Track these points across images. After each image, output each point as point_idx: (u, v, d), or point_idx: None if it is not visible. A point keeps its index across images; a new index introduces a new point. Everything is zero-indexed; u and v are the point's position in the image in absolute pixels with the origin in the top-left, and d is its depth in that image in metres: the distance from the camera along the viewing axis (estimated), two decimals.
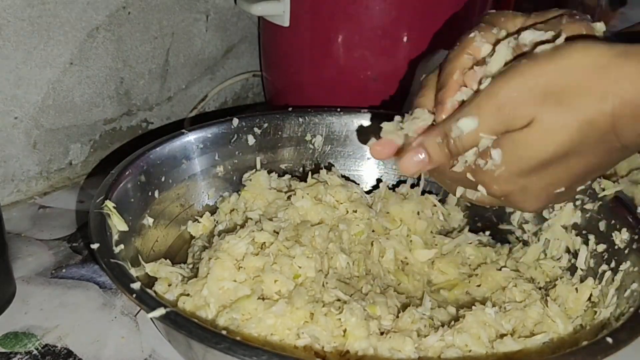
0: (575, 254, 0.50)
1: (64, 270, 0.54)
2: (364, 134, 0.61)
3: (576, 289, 0.47)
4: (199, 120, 0.67)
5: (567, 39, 0.35)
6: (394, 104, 0.68)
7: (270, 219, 0.50)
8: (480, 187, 0.38)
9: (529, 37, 0.36)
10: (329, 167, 0.60)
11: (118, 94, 0.69)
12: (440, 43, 0.67)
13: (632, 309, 0.39)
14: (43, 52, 0.60)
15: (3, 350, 0.44)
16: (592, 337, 0.37)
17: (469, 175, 0.38)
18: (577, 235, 0.50)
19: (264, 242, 0.46)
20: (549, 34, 0.36)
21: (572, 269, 0.49)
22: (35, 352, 0.45)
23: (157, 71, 0.73)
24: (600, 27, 0.36)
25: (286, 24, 0.69)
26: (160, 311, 0.36)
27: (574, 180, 0.37)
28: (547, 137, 0.34)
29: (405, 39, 0.66)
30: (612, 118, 0.33)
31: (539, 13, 0.39)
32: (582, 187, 0.38)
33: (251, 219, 0.51)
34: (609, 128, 0.33)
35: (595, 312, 0.44)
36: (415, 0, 0.65)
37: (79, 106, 0.66)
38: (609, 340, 0.35)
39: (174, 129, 0.56)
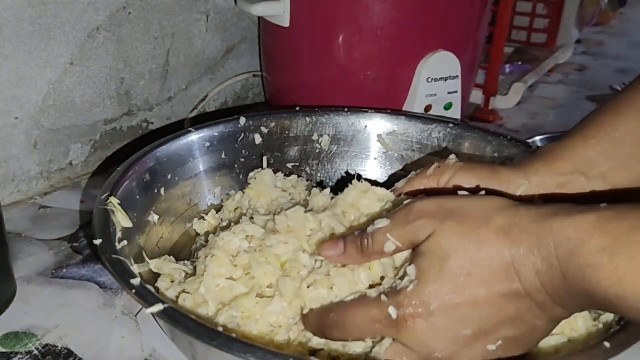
0: None
1: (64, 270, 0.54)
2: None
3: None
4: (199, 121, 0.67)
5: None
6: (393, 105, 0.68)
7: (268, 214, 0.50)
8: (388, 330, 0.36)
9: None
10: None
11: (118, 94, 0.69)
12: (440, 43, 0.67)
13: None
14: (43, 52, 0.60)
15: (3, 350, 0.45)
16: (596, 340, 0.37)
17: (382, 298, 0.36)
18: None
19: (252, 235, 0.46)
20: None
21: None
22: (35, 351, 0.45)
23: (157, 71, 0.73)
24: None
25: (286, 24, 0.69)
26: (158, 307, 0.36)
27: (481, 322, 0.35)
28: (446, 246, 0.35)
29: (405, 39, 0.67)
30: (509, 246, 0.34)
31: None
32: (493, 348, 0.35)
33: (245, 215, 0.51)
34: (507, 256, 0.34)
35: (600, 314, 0.44)
36: (415, 0, 0.65)
37: (79, 106, 0.66)
38: (606, 344, 0.35)
39: (174, 129, 0.56)
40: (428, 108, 0.69)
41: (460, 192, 0.40)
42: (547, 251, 0.33)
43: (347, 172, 0.62)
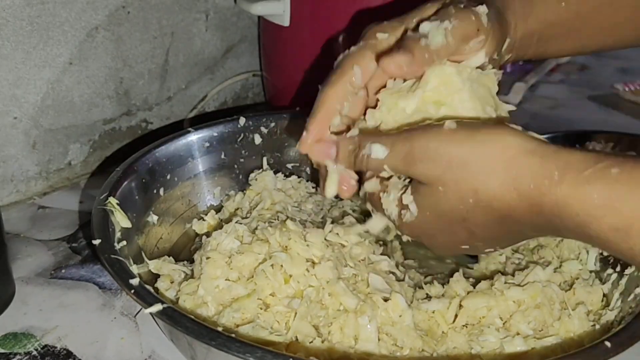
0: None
1: (63, 271, 0.54)
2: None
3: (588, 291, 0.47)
4: (198, 121, 0.67)
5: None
6: None
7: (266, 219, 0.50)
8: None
9: (427, 27, 0.40)
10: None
11: (117, 93, 0.69)
12: None
13: (634, 313, 0.39)
14: (42, 52, 0.60)
15: (2, 350, 0.44)
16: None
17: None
18: None
19: (243, 235, 0.45)
20: (445, 23, 0.39)
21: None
22: (34, 352, 0.45)
23: (156, 71, 0.73)
24: (483, 10, 0.40)
25: (286, 23, 0.69)
26: (157, 307, 0.36)
27: (477, 241, 0.38)
28: (446, 200, 0.36)
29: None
30: (508, 206, 0.34)
31: (413, 11, 0.43)
32: (490, 250, 0.40)
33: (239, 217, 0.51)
34: (505, 212, 0.35)
35: (601, 314, 0.44)
36: (415, 0, 0.65)
37: (78, 106, 0.66)
38: (607, 344, 0.35)
39: (174, 129, 0.56)
40: None
41: (448, 125, 0.37)
42: (552, 223, 0.33)
43: None
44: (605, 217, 0.31)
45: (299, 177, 0.59)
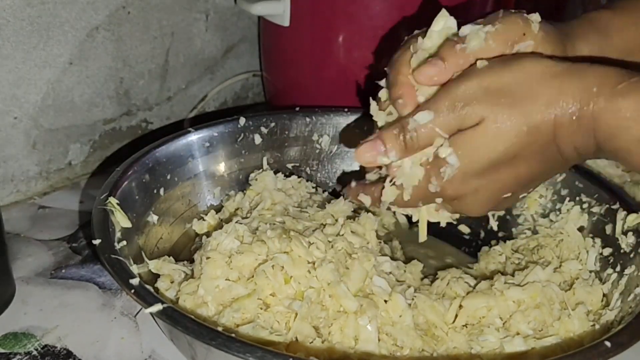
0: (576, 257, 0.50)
1: (63, 271, 0.54)
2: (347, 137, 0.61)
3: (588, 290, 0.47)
4: (199, 121, 0.67)
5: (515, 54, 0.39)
6: None
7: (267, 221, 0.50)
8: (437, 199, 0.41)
9: (467, 29, 0.40)
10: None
11: (118, 94, 0.69)
12: None
13: (634, 313, 0.39)
14: (42, 52, 0.60)
15: (3, 350, 0.44)
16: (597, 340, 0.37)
17: (429, 184, 0.40)
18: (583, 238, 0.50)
19: (244, 235, 0.45)
20: (487, 27, 0.39)
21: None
22: (34, 352, 0.45)
23: (156, 71, 0.73)
24: (534, 17, 0.40)
25: (286, 23, 0.69)
26: (158, 307, 0.36)
27: (520, 186, 0.39)
28: (497, 136, 0.36)
29: (405, 39, 0.66)
30: (553, 126, 0.36)
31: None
32: (524, 194, 0.42)
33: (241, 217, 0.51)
34: (551, 136, 0.36)
35: (601, 314, 0.44)
36: (415, 0, 0.65)
37: (79, 106, 0.66)
38: (607, 344, 0.35)
39: (174, 129, 0.56)
40: None
41: (480, 64, 0.38)
42: (587, 133, 0.35)
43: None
44: (631, 128, 0.34)
45: (299, 177, 0.59)
